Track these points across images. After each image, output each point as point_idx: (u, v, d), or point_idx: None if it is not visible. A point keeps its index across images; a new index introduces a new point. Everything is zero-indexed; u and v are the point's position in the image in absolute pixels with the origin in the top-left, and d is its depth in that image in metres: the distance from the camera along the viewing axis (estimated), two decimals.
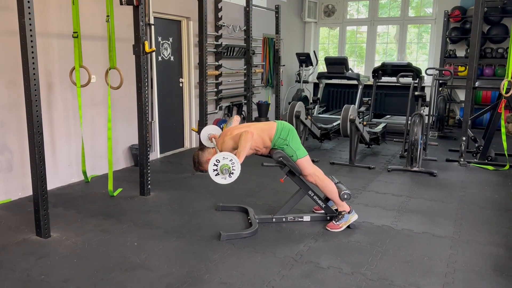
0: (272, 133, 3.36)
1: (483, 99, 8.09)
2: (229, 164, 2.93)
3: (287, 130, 3.38)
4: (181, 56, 6.14)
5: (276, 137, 3.35)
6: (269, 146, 3.40)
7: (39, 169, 3.09)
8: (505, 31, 7.80)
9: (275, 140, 3.36)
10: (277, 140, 3.35)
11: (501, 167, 5.30)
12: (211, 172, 2.96)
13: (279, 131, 3.36)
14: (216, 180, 2.99)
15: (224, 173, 2.92)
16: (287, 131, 3.37)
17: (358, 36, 9.78)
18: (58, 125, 4.41)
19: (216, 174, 2.96)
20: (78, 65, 4.09)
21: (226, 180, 2.98)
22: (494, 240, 3.25)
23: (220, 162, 2.93)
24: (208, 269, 2.78)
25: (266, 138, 3.36)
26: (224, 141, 3.32)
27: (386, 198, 4.23)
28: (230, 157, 2.93)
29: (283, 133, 3.36)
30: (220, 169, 2.93)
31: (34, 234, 3.24)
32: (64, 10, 4.25)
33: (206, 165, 3.29)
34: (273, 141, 3.37)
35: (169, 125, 6.03)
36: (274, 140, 3.36)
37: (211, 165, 2.94)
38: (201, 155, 3.36)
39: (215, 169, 2.95)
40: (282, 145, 3.35)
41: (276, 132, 3.35)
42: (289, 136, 3.36)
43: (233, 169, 2.94)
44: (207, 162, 3.26)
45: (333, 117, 7.57)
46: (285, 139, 3.34)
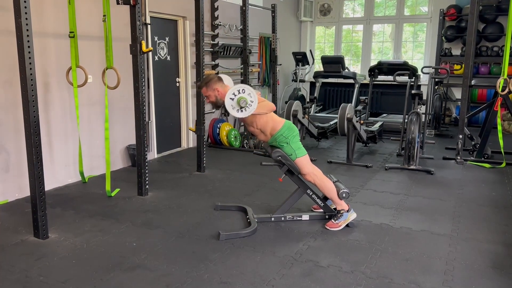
0: (276, 127, 3.36)
1: (478, 97, 8.13)
2: (247, 97, 2.99)
3: (292, 131, 3.40)
4: (177, 55, 6.13)
5: (279, 133, 3.35)
6: (266, 135, 3.41)
7: (36, 170, 3.07)
8: (500, 29, 7.84)
9: (277, 135, 3.36)
10: (279, 137, 3.35)
11: (498, 165, 5.33)
12: (227, 100, 3.01)
13: (284, 129, 3.37)
14: (230, 110, 3.04)
15: (242, 104, 2.99)
16: (291, 131, 3.39)
17: (354, 35, 9.79)
18: (55, 125, 4.38)
19: (231, 99, 3.02)
20: (75, 65, 4.07)
21: (239, 112, 3.05)
22: (492, 238, 3.26)
23: (243, 94, 2.99)
24: (208, 268, 2.77)
25: (269, 125, 3.37)
26: None
27: (384, 196, 4.24)
28: (249, 91, 2.99)
29: (287, 132, 3.36)
30: (237, 101, 2.99)
31: (32, 235, 3.22)
32: (61, 9, 4.23)
33: (209, 90, 3.36)
34: (274, 136, 3.37)
35: (166, 125, 6.02)
36: (276, 135, 3.36)
37: (230, 93, 3.01)
38: (215, 81, 3.38)
39: (232, 97, 3.01)
40: (282, 143, 3.35)
41: (281, 129, 3.36)
42: (291, 136, 3.36)
43: (250, 103, 3.01)
44: (214, 90, 3.35)
45: (330, 116, 7.58)
46: (287, 137, 3.35)
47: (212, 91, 3.36)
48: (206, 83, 3.38)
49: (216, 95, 3.36)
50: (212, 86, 3.36)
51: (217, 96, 3.36)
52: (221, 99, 3.32)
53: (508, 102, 5.37)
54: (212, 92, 3.36)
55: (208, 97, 3.40)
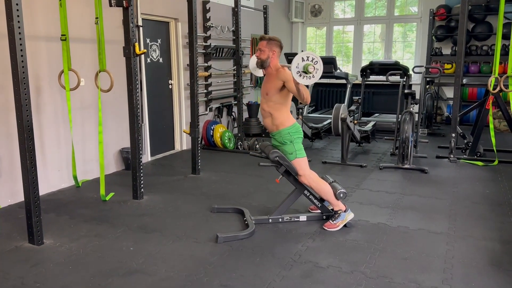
0: (287, 123, 3.34)
1: (469, 96, 8.21)
2: (314, 68, 2.91)
3: (299, 133, 3.39)
4: (170, 57, 6.09)
5: (287, 130, 3.33)
6: (274, 122, 3.35)
7: (30, 175, 3.02)
8: (489, 28, 7.92)
9: (283, 131, 3.34)
10: (285, 134, 3.34)
11: (490, 163, 5.38)
12: (297, 58, 2.91)
13: (293, 128, 3.36)
14: (294, 68, 2.92)
15: (310, 70, 2.89)
16: (298, 133, 3.39)
17: (344, 36, 9.83)
18: (47, 129, 4.33)
19: (297, 67, 2.92)
20: (67, 68, 4.01)
21: (298, 76, 2.94)
22: (488, 235, 3.28)
23: (308, 61, 2.90)
24: (207, 272, 2.75)
25: (282, 115, 3.33)
26: None
27: (380, 196, 4.25)
28: (320, 67, 2.92)
29: (294, 132, 3.36)
30: (305, 65, 2.89)
31: (26, 241, 3.17)
32: (52, 12, 4.18)
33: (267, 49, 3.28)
34: (280, 130, 3.34)
35: (159, 128, 5.98)
36: (282, 131, 3.34)
37: (303, 54, 2.90)
38: (279, 44, 3.32)
39: (304, 58, 2.91)
40: (286, 140, 3.34)
41: (291, 126, 3.35)
42: (296, 136, 3.36)
43: (313, 75, 2.92)
44: (272, 51, 3.28)
45: (323, 116, 7.60)
46: (292, 136, 3.34)
47: (270, 49, 3.29)
48: (270, 39, 3.32)
49: (270, 55, 3.29)
50: (272, 46, 3.30)
51: (270, 57, 3.30)
52: (270, 62, 3.29)
53: (499, 101, 5.42)
54: (269, 50, 3.29)
55: (262, 52, 3.30)
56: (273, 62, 3.32)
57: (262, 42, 3.34)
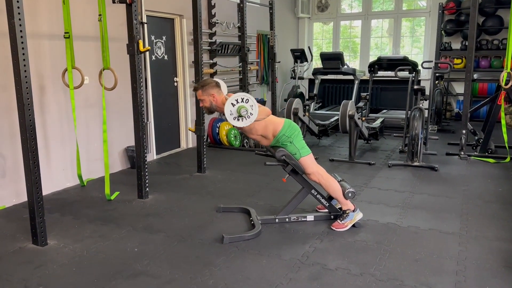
0: (277, 128, 3.28)
1: (479, 91, 8.07)
2: (248, 108, 2.91)
3: (293, 129, 3.32)
4: (175, 54, 6.03)
5: (281, 133, 3.27)
6: (268, 138, 3.33)
7: (33, 175, 2.98)
8: (500, 22, 7.77)
9: (279, 136, 3.28)
10: (281, 137, 3.27)
11: (502, 160, 5.26)
12: (228, 106, 2.92)
13: (285, 128, 3.29)
14: (228, 116, 2.95)
15: (242, 113, 2.91)
16: (293, 130, 3.31)
17: (351, 31, 9.70)
18: (52, 129, 4.29)
19: (232, 105, 2.93)
20: (71, 66, 3.97)
21: (236, 121, 2.97)
22: (502, 235, 3.19)
23: (239, 103, 2.91)
24: (213, 274, 2.69)
25: (270, 128, 3.29)
26: None
27: (389, 194, 4.16)
28: (252, 102, 2.93)
29: (289, 131, 3.28)
30: (238, 109, 2.90)
31: (30, 242, 3.13)
32: (55, 10, 4.13)
33: (205, 95, 3.25)
34: (276, 137, 3.29)
35: (164, 126, 5.92)
36: (278, 136, 3.28)
37: (232, 99, 2.91)
38: (212, 86, 3.26)
39: (233, 103, 2.92)
40: (286, 142, 3.27)
41: (282, 129, 3.28)
42: (293, 135, 3.29)
43: (249, 115, 2.94)
44: (209, 95, 3.24)
45: (330, 113, 7.50)
46: (290, 136, 3.27)
47: (207, 95, 3.24)
48: (203, 86, 3.26)
49: (211, 100, 3.24)
50: (208, 91, 3.24)
51: (212, 102, 3.24)
52: (216, 105, 3.25)
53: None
54: (207, 96, 3.25)
55: (203, 101, 3.28)
56: (218, 103, 3.22)
57: (198, 93, 3.29)
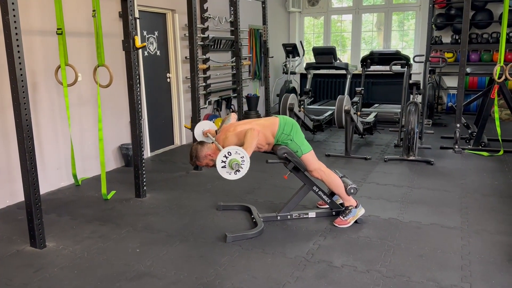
0: (274, 129, 3.24)
1: (469, 85, 8.13)
2: (239, 159, 2.83)
3: (291, 125, 3.27)
4: (167, 50, 5.94)
5: (279, 132, 3.23)
6: (272, 143, 3.28)
7: (31, 176, 2.90)
8: (489, 16, 7.82)
9: (278, 135, 3.24)
10: (281, 136, 3.24)
11: (496, 153, 5.31)
12: (219, 165, 2.84)
13: (282, 126, 3.24)
14: (223, 174, 2.87)
15: (234, 168, 2.82)
16: (290, 126, 3.26)
17: (339, 25, 9.67)
18: (45, 127, 4.19)
19: (223, 167, 2.85)
20: (64, 63, 3.87)
21: (233, 175, 2.88)
22: (503, 229, 3.21)
23: (231, 156, 2.83)
24: (218, 274, 2.66)
25: (269, 134, 3.24)
26: (227, 137, 3.17)
27: (388, 189, 4.17)
28: (242, 153, 2.84)
29: (287, 128, 3.24)
30: (229, 164, 2.82)
31: (28, 244, 3.05)
32: (46, 5, 4.02)
33: (203, 160, 3.20)
34: (276, 137, 3.25)
35: (158, 122, 5.84)
36: (277, 136, 3.24)
37: (220, 158, 2.83)
38: (200, 149, 3.21)
39: (224, 160, 2.83)
40: (286, 140, 3.23)
41: (279, 128, 3.24)
42: (292, 131, 3.25)
43: (242, 165, 2.85)
44: (206, 157, 3.18)
45: (323, 108, 7.50)
46: (289, 134, 3.24)
47: (205, 159, 3.19)
48: (196, 157, 3.21)
49: (210, 159, 3.18)
50: (201, 156, 3.19)
51: (213, 159, 3.15)
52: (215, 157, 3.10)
53: (505, 90, 5.34)
54: (206, 160, 3.19)
55: (208, 165, 3.23)
56: (216, 154, 3.07)
57: (198, 164, 3.27)
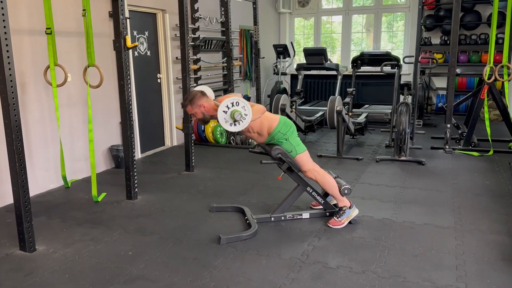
0: (273, 125, 3.23)
1: (458, 85, 8.20)
2: (242, 112, 2.85)
3: (289, 126, 3.27)
4: (157, 50, 5.89)
5: (276, 130, 3.22)
6: (263, 135, 3.27)
7: (20, 178, 2.84)
8: (478, 17, 7.90)
9: (274, 133, 3.23)
10: (277, 134, 3.22)
11: (486, 153, 5.36)
12: (220, 114, 2.86)
13: (281, 125, 3.24)
14: (221, 119, 2.89)
15: (235, 117, 2.85)
16: (288, 126, 3.26)
17: (329, 27, 9.69)
18: (34, 128, 4.11)
19: (225, 112, 2.87)
20: (53, 63, 3.80)
21: (228, 126, 2.91)
22: (496, 228, 3.23)
23: (237, 106, 2.86)
24: (213, 276, 2.62)
25: (265, 125, 3.24)
26: None
27: (381, 189, 4.17)
28: (247, 110, 2.86)
29: (284, 128, 3.23)
30: (232, 113, 2.84)
31: (17, 248, 2.99)
32: (35, 4, 3.94)
33: (195, 108, 3.17)
34: (271, 134, 3.24)
35: (148, 123, 5.79)
36: (273, 133, 3.23)
37: (227, 103, 2.85)
38: (199, 97, 3.17)
39: (229, 106, 2.86)
40: (281, 139, 3.22)
41: (278, 125, 3.23)
42: (289, 132, 3.24)
43: (242, 120, 2.88)
44: (200, 107, 3.16)
45: (315, 108, 7.50)
46: (285, 133, 3.23)
47: (198, 108, 3.17)
48: (191, 101, 3.18)
49: (202, 111, 3.17)
50: (197, 103, 3.16)
51: (204, 112, 3.17)
52: (208, 114, 3.18)
53: (494, 90, 5.40)
54: (198, 109, 3.17)
55: (195, 115, 3.21)
56: (210, 111, 3.16)
57: (188, 109, 3.22)
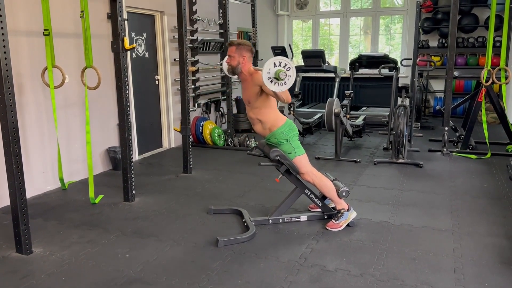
0: (278, 123, 3.22)
1: (456, 88, 8.22)
2: (287, 73, 2.82)
3: (293, 130, 3.27)
4: (156, 52, 5.88)
5: (280, 130, 3.21)
6: (265, 127, 3.25)
7: (17, 180, 2.82)
8: (475, 20, 7.93)
9: (277, 131, 3.22)
10: (279, 134, 3.22)
11: (483, 156, 5.36)
12: (269, 65, 2.82)
13: (286, 127, 3.23)
14: (265, 78, 2.84)
15: (281, 77, 2.81)
16: (292, 130, 3.27)
17: (327, 29, 9.70)
18: (31, 130, 4.09)
19: (268, 73, 2.83)
20: (51, 65, 3.79)
21: (273, 84, 2.85)
22: (493, 231, 3.23)
23: (280, 67, 2.82)
24: (210, 279, 2.61)
25: (271, 116, 3.22)
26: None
27: (378, 192, 4.17)
28: (293, 72, 2.83)
29: (288, 131, 3.23)
30: (277, 72, 2.80)
31: (14, 250, 2.97)
32: (33, 5, 3.93)
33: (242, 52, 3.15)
34: (274, 132, 3.22)
35: (146, 125, 5.77)
36: (276, 132, 3.22)
37: (272, 61, 2.82)
38: (249, 49, 3.17)
39: (276, 64, 2.83)
40: (282, 140, 3.22)
41: (283, 126, 3.22)
42: (291, 134, 3.24)
43: (286, 81, 2.84)
44: (241, 56, 3.14)
45: (312, 110, 7.50)
46: (287, 135, 3.22)
47: (239, 55, 3.14)
48: (239, 44, 3.17)
49: (240, 61, 3.15)
50: (242, 51, 3.15)
51: (240, 63, 3.16)
52: (240, 68, 3.16)
53: (492, 93, 5.41)
54: (239, 55, 3.15)
55: (232, 58, 3.17)
56: (245, 67, 3.18)
57: (231, 48, 3.18)
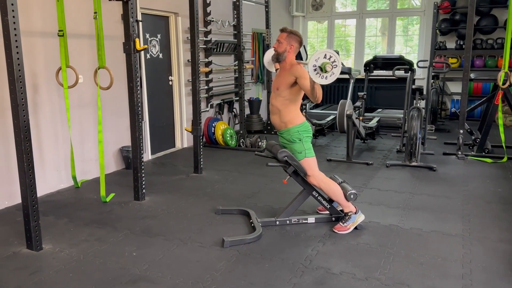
0: (297, 120, 3.23)
1: (474, 90, 8.07)
2: (330, 64, 2.80)
3: (308, 132, 3.28)
4: (169, 53, 5.93)
5: (296, 128, 3.22)
6: (283, 119, 3.24)
7: (28, 178, 2.88)
8: (494, 21, 7.77)
9: (293, 129, 3.22)
10: (295, 132, 3.22)
11: (499, 160, 5.25)
12: (315, 56, 2.82)
13: (303, 126, 3.24)
14: (311, 68, 2.83)
15: (327, 69, 2.79)
16: (308, 132, 3.27)
17: (343, 30, 9.64)
18: (45, 129, 4.18)
19: (316, 61, 2.82)
20: (65, 65, 3.86)
21: (314, 74, 2.84)
22: (505, 237, 3.16)
23: (329, 60, 2.81)
24: (215, 279, 2.62)
25: (292, 110, 3.23)
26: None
27: (389, 195, 4.12)
28: (339, 68, 2.82)
29: (304, 131, 3.24)
30: (324, 64, 2.79)
31: (24, 246, 3.03)
32: (48, 7, 4.01)
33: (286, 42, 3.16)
34: (290, 128, 3.23)
35: (159, 125, 5.83)
36: (292, 128, 3.22)
37: (324, 52, 2.81)
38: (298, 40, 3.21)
39: (326, 55, 2.81)
40: (295, 139, 3.22)
41: (301, 125, 3.23)
42: (305, 135, 3.25)
43: (331, 74, 2.83)
44: (289, 45, 3.17)
45: (325, 112, 7.46)
46: (301, 135, 3.23)
47: (288, 42, 3.18)
48: (291, 32, 3.21)
49: (287, 49, 3.19)
50: (292, 40, 3.19)
51: (287, 50, 3.19)
52: (285, 55, 3.18)
53: (509, 95, 5.29)
54: (287, 43, 3.18)
55: (280, 44, 3.20)
56: (289, 56, 3.21)
57: (282, 34, 3.22)
